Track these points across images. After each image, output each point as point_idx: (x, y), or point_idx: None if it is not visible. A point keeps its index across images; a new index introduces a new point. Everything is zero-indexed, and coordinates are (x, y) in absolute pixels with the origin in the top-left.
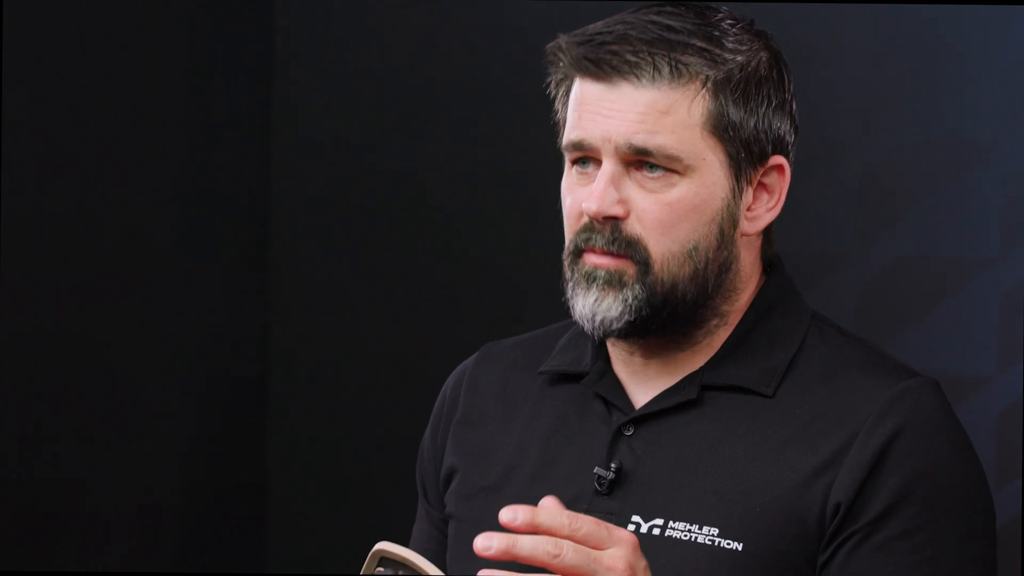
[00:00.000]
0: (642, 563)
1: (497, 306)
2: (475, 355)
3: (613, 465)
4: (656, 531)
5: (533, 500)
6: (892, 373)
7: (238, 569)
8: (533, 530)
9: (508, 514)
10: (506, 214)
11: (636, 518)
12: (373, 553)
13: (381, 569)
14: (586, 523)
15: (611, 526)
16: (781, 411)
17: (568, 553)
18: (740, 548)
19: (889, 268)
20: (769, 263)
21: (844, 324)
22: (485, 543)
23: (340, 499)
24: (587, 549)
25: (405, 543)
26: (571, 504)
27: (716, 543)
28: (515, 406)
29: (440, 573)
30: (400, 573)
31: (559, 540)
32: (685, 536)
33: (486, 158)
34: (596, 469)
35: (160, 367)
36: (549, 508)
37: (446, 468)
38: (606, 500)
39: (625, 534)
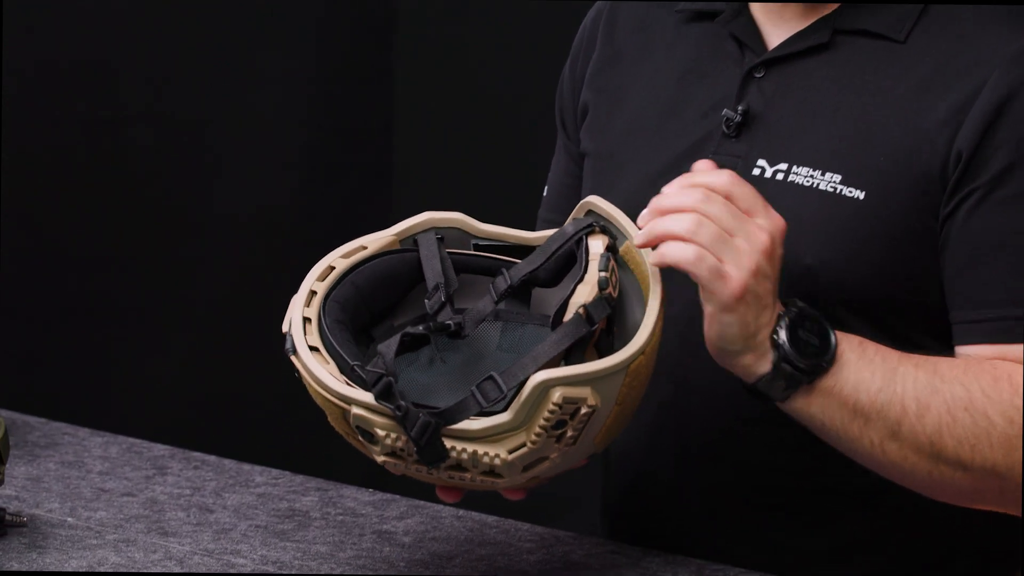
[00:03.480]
0: (779, 251)
1: None
2: None
3: (740, 107)
4: (780, 176)
5: (663, 139)
6: None
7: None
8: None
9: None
10: None
11: (761, 162)
12: (581, 204)
13: (590, 217)
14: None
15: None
16: (912, 57)
17: (715, 208)
18: (862, 197)
19: None
20: None
21: None
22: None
23: (470, 150)
24: (736, 210)
25: (544, 176)
26: (699, 145)
27: (838, 190)
28: (651, 43)
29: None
30: (602, 223)
31: (708, 193)
32: (807, 182)
33: None
34: (724, 111)
35: (285, 41)
36: (702, 168)
37: (583, 102)
38: (733, 143)
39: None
